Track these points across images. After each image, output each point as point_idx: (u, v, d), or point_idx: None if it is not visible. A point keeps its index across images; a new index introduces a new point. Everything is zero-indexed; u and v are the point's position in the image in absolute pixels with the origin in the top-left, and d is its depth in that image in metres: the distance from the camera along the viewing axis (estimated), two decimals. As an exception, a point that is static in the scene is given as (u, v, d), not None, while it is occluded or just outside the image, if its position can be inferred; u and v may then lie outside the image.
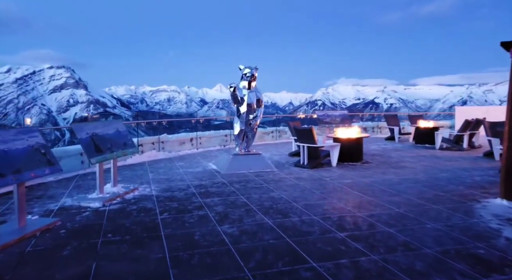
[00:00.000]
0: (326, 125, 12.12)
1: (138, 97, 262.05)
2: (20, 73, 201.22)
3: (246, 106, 7.85)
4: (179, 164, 8.52)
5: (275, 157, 9.63)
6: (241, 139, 8.05)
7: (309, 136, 7.97)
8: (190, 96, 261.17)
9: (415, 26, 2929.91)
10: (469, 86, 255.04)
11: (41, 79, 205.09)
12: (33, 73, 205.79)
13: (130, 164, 8.39)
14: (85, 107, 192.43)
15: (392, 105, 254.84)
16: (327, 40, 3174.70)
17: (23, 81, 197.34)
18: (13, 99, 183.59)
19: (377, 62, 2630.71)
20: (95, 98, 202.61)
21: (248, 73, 7.73)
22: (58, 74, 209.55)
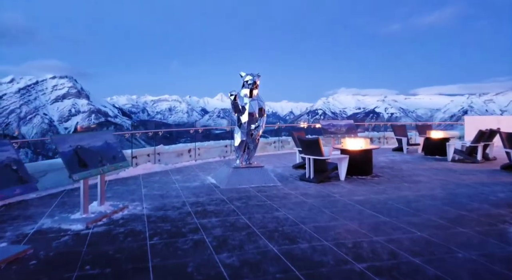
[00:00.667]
0: (331, 135, 11.58)
1: (139, 107, 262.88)
2: (23, 83, 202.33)
3: (247, 115, 7.32)
4: (175, 177, 7.94)
5: (278, 169, 9.05)
6: (242, 150, 7.49)
7: (315, 147, 7.41)
8: (191, 106, 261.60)
9: (415, 37, 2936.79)
10: (469, 96, 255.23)
11: (44, 89, 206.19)
12: (36, 83, 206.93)
13: (123, 177, 7.81)
14: (87, 116, 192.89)
15: (392, 115, 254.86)
16: (328, 50, 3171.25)
17: (26, 91, 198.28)
18: (15, 109, 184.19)
19: (377, 72, 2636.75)
20: (96, 108, 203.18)
21: (249, 80, 7.22)
22: (61, 84, 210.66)
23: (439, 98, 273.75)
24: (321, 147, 7.38)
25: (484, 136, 9.76)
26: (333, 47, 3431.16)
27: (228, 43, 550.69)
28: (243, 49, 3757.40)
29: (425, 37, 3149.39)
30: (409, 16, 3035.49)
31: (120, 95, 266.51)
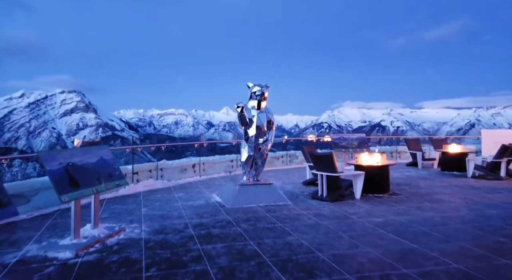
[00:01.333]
0: (342, 149, 11.04)
1: (146, 120, 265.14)
2: (33, 98, 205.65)
3: (255, 128, 6.84)
4: (178, 195, 7.43)
5: (288, 186, 8.51)
6: (249, 166, 6.98)
7: (329, 163, 6.88)
8: (197, 119, 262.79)
9: (421, 51, 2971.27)
10: (476, 109, 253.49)
11: (53, 103, 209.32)
12: (45, 98, 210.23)
13: (122, 195, 7.32)
14: (94, 130, 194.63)
15: (398, 128, 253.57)
16: (333, 64, 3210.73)
17: (35, 105, 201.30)
18: (25, 123, 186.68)
19: (383, 85, 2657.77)
20: (104, 122, 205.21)
21: (257, 91, 6.77)
22: (69, 98, 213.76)
23: (445, 112, 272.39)
24: (335, 162, 6.86)
25: (507, 151, 9.17)
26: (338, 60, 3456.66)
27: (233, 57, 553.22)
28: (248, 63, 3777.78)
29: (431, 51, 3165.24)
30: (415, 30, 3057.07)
31: (127, 109, 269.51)
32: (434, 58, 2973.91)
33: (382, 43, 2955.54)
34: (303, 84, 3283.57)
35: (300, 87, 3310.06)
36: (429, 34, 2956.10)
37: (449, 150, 10.89)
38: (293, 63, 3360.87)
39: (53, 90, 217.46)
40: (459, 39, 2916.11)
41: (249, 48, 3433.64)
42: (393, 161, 8.02)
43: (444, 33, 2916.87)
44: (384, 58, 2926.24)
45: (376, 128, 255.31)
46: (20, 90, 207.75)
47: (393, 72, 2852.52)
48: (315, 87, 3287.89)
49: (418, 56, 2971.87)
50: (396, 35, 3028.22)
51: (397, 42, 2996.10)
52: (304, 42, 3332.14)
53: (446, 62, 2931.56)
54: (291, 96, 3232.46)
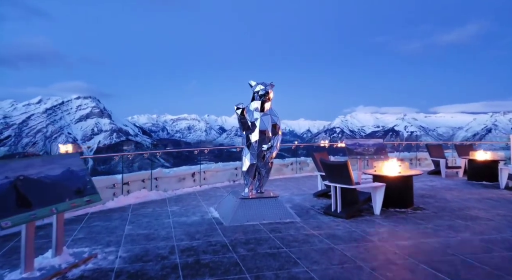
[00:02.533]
0: (357, 156, 10.05)
1: (159, 126, 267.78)
2: (50, 104, 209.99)
3: (258, 133, 5.96)
4: (172, 209, 6.58)
5: (297, 198, 7.57)
6: (251, 176, 6.08)
7: (344, 173, 5.93)
8: (210, 124, 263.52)
9: (436, 55, 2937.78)
10: (493, 114, 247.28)
11: (69, 108, 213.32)
12: (62, 103, 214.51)
13: (109, 209, 6.50)
14: (109, 135, 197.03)
15: (412, 133, 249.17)
16: (346, 68, 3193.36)
17: (52, 111, 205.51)
18: (42, 128, 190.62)
19: (396, 90, 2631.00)
20: (118, 127, 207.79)
21: (260, 90, 5.90)
22: (85, 104, 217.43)
23: (461, 116, 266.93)
24: (351, 173, 5.91)
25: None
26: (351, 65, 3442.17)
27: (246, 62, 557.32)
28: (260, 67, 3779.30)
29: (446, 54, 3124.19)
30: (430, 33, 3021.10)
31: (140, 115, 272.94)
32: (449, 62, 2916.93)
33: (396, 47, 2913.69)
34: (315, 88, 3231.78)
35: (313, 92, 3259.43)
36: (445, 38, 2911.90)
37: (477, 157, 9.79)
38: (305, 67, 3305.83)
39: (69, 96, 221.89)
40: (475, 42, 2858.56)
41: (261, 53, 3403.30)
42: (417, 171, 7.00)
43: (460, 36, 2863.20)
44: (398, 63, 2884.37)
45: (390, 133, 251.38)
46: (37, 96, 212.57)
47: (407, 76, 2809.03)
48: (327, 92, 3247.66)
49: (432, 60, 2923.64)
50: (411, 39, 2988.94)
51: (411, 46, 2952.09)
52: (317, 46, 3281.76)
53: (462, 66, 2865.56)
54: (303, 100, 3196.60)
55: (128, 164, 70.91)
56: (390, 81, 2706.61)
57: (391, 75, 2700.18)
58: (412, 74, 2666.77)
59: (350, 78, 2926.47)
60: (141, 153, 9.17)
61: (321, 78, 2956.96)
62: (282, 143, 7.35)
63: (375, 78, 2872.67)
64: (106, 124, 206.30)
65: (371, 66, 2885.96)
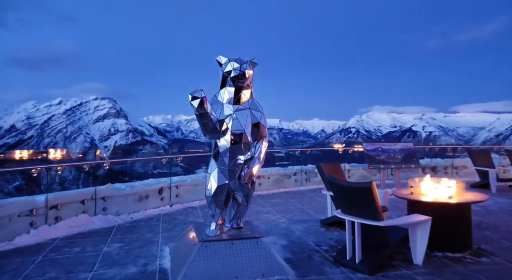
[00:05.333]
0: (380, 165, 7.77)
1: (174, 126, 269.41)
2: (69, 105, 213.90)
3: (230, 138, 3.80)
4: (109, 248, 4.47)
5: (297, 228, 5.37)
6: (220, 206, 3.90)
7: (366, 202, 3.71)
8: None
9: (456, 53, 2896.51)
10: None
11: (87, 109, 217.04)
12: (80, 104, 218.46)
13: (17, 248, 4.43)
14: (125, 135, 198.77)
15: (431, 133, 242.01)
16: (361, 67, 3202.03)
17: (71, 112, 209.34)
18: (62, 129, 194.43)
19: (414, 89, 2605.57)
20: (134, 127, 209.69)
21: (233, 71, 3.72)
22: (102, 105, 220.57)
23: (483, 116, 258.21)
24: (378, 202, 3.67)
25: None
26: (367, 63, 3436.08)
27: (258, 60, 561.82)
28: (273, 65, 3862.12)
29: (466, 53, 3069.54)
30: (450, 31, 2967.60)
31: (155, 115, 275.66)
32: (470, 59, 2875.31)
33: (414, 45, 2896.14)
34: (330, 88, 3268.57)
35: (327, 91, 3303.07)
36: (466, 35, 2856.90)
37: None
38: (319, 66, 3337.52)
39: (87, 97, 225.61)
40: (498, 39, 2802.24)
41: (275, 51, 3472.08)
42: (481, 195, 4.65)
43: (482, 33, 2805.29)
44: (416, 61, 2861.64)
45: (407, 133, 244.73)
46: (58, 98, 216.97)
47: (425, 75, 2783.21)
48: (342, 91, 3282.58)
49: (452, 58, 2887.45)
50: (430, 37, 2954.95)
51: (430, 44, 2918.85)
52: (331, 44, 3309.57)
53: (484, 64, 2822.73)
54: (317, 100, 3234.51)
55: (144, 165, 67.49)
56: (407, 80, 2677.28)
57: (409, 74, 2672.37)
58: (430, 73, 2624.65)
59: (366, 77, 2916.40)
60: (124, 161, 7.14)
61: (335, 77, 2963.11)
62: (288, 149, 5.09)
63: (392, 77, 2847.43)
64: (122, 124, 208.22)
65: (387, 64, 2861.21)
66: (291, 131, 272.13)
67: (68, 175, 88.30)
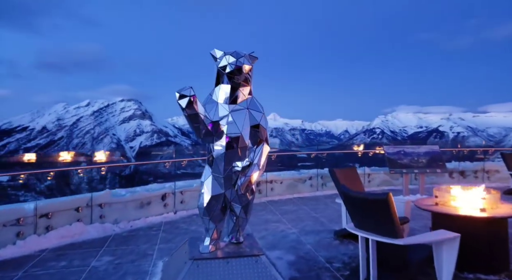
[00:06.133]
0: (402, 170, 7.13)
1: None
2: (97, 106, 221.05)
3: (225, 142, 3.36)
4: (98, 262, 4.13)
5: (307, 240, 4.87)
6: (215, 219, 3.47)
7: (382, 216, 3.18)
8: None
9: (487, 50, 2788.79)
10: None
11: (113, 111, 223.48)
12: (107, 106, 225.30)
13: (3, 260, 4.16)
14: (150, 136, 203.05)
15: (459, 134, 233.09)
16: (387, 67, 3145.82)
17: (98, 113, 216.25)
18: (90, 130, 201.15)
19: (441, 88, 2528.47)
20: (158, 128, 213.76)
21: (229, 65, 3.29)
22: (128, 106, 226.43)
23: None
24: (394, 217, 3.13)
25: None
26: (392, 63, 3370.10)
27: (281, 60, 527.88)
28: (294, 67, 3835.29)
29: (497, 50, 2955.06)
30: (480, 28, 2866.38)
31: (179, 116, 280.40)
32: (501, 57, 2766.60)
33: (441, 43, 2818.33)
34: (353, 88, 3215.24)
35: (351, 91, 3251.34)
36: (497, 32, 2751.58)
37: None
38: (343, 65, 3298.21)
39: (114, 99, 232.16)
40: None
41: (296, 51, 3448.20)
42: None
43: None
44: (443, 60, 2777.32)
45: (434, 134, 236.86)
46: (86, 100, 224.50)
47: (453, 74, 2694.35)
48: (366, 91, 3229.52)
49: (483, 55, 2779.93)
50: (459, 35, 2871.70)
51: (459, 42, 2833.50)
52: (355, 43, 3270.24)
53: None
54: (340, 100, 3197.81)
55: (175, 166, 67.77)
56: (434, 79, 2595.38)
57: (435, 73, 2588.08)
58: (459, 72, 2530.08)
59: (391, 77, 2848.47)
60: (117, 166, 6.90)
61: (359, 77, 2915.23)
62: (301, 152, 4.59)
63: (418, 76, 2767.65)
64: (147, 125, 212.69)
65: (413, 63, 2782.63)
66: (314, 132, 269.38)
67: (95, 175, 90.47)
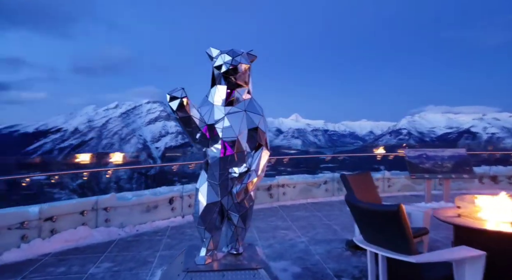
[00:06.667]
0: (425, 175, 6.66)
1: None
2: (124, 108, 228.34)
3: (221, 147, 3.14)
4: (97, 268, 4.00)
5: (317, 250, 4.57)
6: (211, 228, 3.25)
7: (393, 229, 2.85)
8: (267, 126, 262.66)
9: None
10: None
11: (140, 112, 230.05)
12: (134, 108, 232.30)
13: (5, 264, 4.11)
14: (174, 137, 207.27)
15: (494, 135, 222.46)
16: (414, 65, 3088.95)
17: (126, 115, 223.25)
18: (118, 131, 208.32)
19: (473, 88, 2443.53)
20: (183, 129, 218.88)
21: (224, 65, 3.06)
22: (153, 108, 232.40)
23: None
24: (407, 231, 2.79)
25: None
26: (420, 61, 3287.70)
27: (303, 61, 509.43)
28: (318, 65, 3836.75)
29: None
30: None
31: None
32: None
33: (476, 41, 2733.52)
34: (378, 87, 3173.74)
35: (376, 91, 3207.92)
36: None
37: None
38: (368, 64, 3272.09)
39: (140, 101, 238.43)
40: None
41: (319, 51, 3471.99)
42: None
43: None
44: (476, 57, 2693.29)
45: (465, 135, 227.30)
46: (114, 102, 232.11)
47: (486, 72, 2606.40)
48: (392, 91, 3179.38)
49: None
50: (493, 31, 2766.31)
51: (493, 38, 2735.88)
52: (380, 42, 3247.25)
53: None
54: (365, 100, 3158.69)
55: None
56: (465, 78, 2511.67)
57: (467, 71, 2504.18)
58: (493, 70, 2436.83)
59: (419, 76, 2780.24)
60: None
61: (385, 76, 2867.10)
62: (322, 151, 4.33)
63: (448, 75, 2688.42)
64: (172, 126, 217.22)
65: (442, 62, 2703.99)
66: (337, 133, 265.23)
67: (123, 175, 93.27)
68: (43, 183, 42.86)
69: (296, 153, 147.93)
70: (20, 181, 11.36)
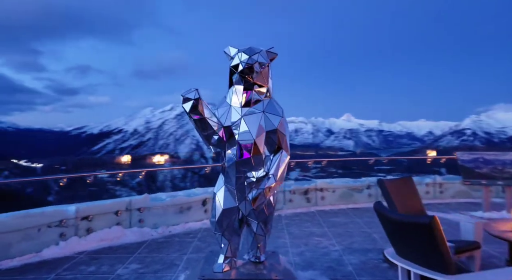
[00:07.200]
0: (481, 181, 5.95)
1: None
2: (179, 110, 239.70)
3: (237, 149, 2.99)
4: (126, 269, 4.07)
5: (351, 260, 4.25)
6: (228, 235, 3.12)
7: (426, 244, 2.50)
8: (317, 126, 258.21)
9: None
10: None
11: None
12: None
13: (42, 260, 4.34)
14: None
15: None
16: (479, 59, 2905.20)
17: (180, 116, 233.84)
18: (173, 132, 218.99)
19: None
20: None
21: (241, 63, 2.92)
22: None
23: None
24: (442, 246, 2.42)
25: None
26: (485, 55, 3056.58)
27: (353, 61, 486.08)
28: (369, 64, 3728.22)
29: None
30: None
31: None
32: None
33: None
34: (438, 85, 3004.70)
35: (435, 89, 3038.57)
36: None
37: None
38: (425, 61, 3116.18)
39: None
40: None
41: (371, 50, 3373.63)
42: None
43: None
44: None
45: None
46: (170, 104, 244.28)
47: None
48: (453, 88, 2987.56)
49: None
50: None
51: None
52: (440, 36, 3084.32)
53: None
54: (424, 99, 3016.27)
55: None
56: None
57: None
58: None
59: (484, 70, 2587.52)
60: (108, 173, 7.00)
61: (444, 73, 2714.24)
62: (377, 152, 4.09)
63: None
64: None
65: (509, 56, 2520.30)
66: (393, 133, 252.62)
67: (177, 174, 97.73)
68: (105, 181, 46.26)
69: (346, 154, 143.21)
70: (86, 179, 12.11)
